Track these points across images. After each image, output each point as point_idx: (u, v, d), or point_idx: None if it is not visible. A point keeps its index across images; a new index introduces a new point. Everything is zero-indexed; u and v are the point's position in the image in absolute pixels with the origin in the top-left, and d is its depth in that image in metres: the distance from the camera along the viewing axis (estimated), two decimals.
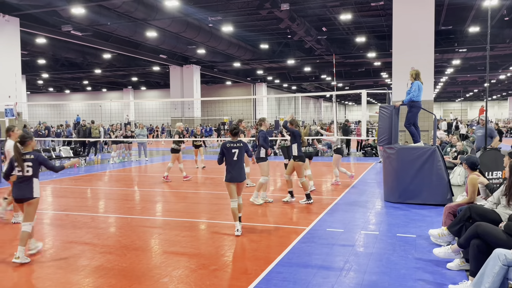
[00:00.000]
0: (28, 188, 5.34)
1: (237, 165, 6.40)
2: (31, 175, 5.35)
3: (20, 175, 5.33)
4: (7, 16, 18.32)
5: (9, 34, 18.52)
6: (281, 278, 4.61)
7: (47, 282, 4.55)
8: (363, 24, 24.53)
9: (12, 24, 18.64)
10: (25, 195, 5.34)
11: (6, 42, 18.39)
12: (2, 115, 11.89)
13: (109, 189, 11.02)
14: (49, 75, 38.53)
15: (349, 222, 7.07)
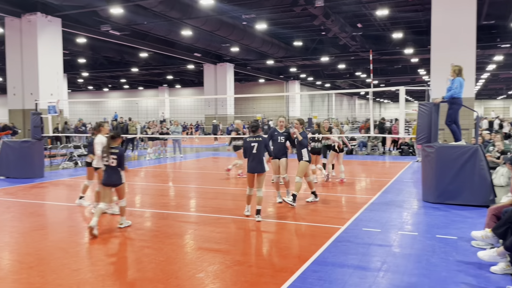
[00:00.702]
0: (117, 176, 6.48)
1: (256, 158, 7.00)
2: (115, 166, 6.41)
3: (107, 164, 6.41)
4: (50, 16, 19.03)
5: (51, 34, 19.23)
6: (317, 277, 4.55)
7: (87, 274, 4.69)
8: (400, 20, 23.93)
9: (54, 25, 19.35)
10: (114, 182, 6.46)
11: (49, 42, 19.11)
12: (45, 112, 12.35)
13: (146, 185, 11.25)
14: (89, 74, 39.80)
15: (386, 222, 6.92)
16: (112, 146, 6.46)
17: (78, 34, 23.40)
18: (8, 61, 19.56)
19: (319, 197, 8.71)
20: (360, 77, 43.02)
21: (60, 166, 14.76)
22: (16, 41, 19.09)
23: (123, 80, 47.38)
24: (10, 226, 6.78)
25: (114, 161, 6.41)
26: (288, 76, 44.08)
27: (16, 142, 12.15)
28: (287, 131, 8.34)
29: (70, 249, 5.60)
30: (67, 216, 7.62)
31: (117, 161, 6.42)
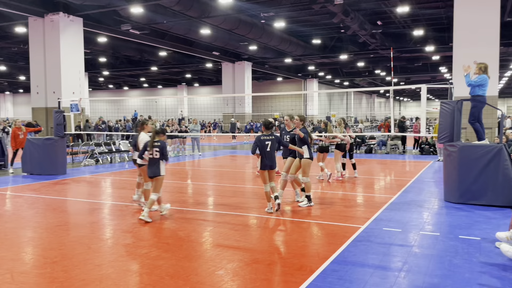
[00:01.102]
0: (157, 168, 6.96)
1: (269, 155, 7.28)
2: (158, 158, 6.94)
3: (151, 157, 6.95)
4: (72, 16, 19.38)
5: (73, 33, 19.58)
6: (337, 276, 4.52)
7: (109, 269, 4.76)
8: (421, 17, 23.56)
9: (76, 24, 19.70)
10: (156, 173, 6.96)
11: (71, 41, 19.46)
12: (67, 110, 12.59)
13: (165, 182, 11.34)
14: (109, 73, 40.38)
15: (406, 222, 6.82)
16: (155, 140, 6.98)
17: (99, 34, 23.77)
18: (32, 61, 20.01)
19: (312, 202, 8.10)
20: (380, 75, 42.52)
21: (81, 163, 15.04)
22: (39, 40, 19.51)
23: (143, 79, 47.95)
24: (34, 222, 6.94)
25: (157, 153, 6.93)
26: (306, 74, 43.89)
27: (39, 139, 12.42)
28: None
29: (92, 244, 5.70)
30: (89, 212, 7.75)
31: (160, 153, 6.93)
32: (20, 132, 12.75)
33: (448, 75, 39.84)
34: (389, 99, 76.36)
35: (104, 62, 35.53)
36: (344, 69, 41.21)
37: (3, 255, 5.24)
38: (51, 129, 18.23)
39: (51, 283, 4.37)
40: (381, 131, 21.58)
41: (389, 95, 18.77)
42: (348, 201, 8.67)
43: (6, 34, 24.56)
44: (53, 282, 4.38)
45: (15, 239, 5.96)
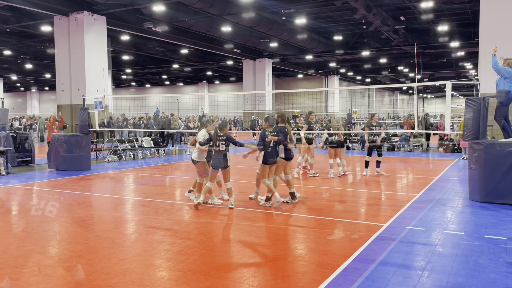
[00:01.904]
0: (225, 160, 7.53)
1: (273, 150, 7.71)
2: (223, 150, 7.47)
3: (217, 149, 7.48)
4: (96, 15, 19.70)
5: (97, 32, 19.91)
6: (359, 274, 4.49)
7: (133, 263, 4.85)
8: (446, 12, 23.03)
9: (99, 23, 20.02)
10: (225, 165, 7.54)
11: (95, 40, 19.80)
12: (92, 107, 12.84)
13: (186, 179, 11.46)
14: (132, 70, 40.94)
15: (430, 221, 6.72)
16: (219, 135, 7.50)
17: (122, 32, 24.10)
18: (57, 59, 20.44)
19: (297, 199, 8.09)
20: (403, 72, 41.83)
21: (105, 160, 15.32)
22: (64, 39, 19.91)
23: (164, 76, 48.43)
24: (60, 216, 7.11)
25: (223, 145, 7.47)
26: (327, 71, 43.52)
27: (65, 136, 12.71)
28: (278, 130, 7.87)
29: (116, 239, 5.81)
30: (113, 207, 7.90)
31: (225, 144, 7.48)
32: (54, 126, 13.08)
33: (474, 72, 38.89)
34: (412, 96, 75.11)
35: (127, 60, 36.03)
36: (366, 65, 40.71)
37: (31, 248, 5.40)
38: (75, 126, 18.64)
39: (76, 277, 4.47)
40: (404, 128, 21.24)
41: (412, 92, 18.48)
42: (371, 199, 8.59)
43: (33, 33, 25.17)
44: (78, 276, 4.49)
45: (42, 233, 6.12)
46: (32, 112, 55.14)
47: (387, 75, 45.14)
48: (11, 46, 29.42)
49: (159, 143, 17.72)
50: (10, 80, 47.68)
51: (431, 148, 19.48)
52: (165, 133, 19.20)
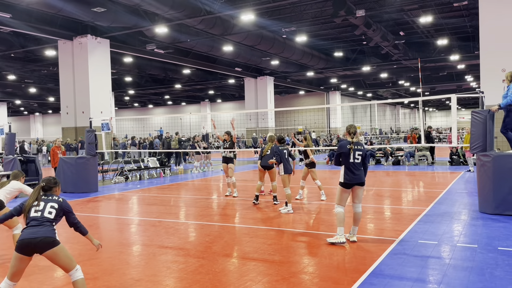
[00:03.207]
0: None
1: (288, 161, 9.04)
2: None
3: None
4: (99, 38, 20.03)
5: (101, 54, 20.21)
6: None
7: (149, 284, 4.84)
8: (445, 26, 23.36)
9: (103, 46, 20.34)
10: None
11: (99, 62, 20.08)
12: (99, 129, 12.94)
13: (194, 198, 11.48)
14: (135, 91, 41.31)
15: (442, 234, 6.70)
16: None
17: (124, 54, 24.45)
18: (62, 82, 20.70)
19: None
20: (403, 86, 42.09)
21: (112, 181, 15.35)
22: (68, 62, 20.20)
23: (167, 97, 48.81)
24: (72, 238, 7.11)
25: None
26: (328, 87, 43.85)
27: (72, 158, 12.79)
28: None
29: (130, 260, 5.81)
30: (123, 228, 7.91)
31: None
32: (59, 151, 13.15)
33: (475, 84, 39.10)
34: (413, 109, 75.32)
35: (130, 81, 36.40)
36: (367, 80, 41.02)
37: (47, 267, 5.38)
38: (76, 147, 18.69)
39: None
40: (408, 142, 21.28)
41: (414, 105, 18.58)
42: (380, 214, 8.58)
43: (36, 57, 25.55)
44: None
45: None
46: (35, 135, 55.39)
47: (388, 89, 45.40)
48: (15, 71, 29.81)
49: (165, 163, 17.77)
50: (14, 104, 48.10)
51: (436, 161, 19.47)
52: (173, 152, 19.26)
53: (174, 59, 26.10)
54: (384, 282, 4.69)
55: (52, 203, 4.17)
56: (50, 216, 4.10)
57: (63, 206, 4.22)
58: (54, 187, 4.36)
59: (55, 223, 4.13)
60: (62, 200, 4.26)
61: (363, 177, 6.26)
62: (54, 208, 4.14)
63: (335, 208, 6.29)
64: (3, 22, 16.90)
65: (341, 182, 6.24)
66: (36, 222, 4.03)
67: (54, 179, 4.40)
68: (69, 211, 4.28)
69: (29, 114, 60.46)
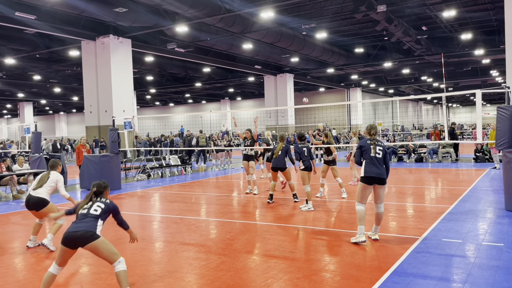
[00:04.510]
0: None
1: (308, 159, 8.92)
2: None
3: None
4: (121, 38, 20.31)
5: (123, 54, 20.51)
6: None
7: (171, 280, 4.91)
8: (469, 20, 22.79)
9: (125, 46, 20.62)
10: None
11: (121, 62, 20.38)
12: (121, 127, 13.14)
13: (215, 195, 11.55)
14: (156, 90, 41.80)
15: (466, 232, 6.57)
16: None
17: (146, 53, 24.74)
18: (85, 81, 21.10)
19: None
20: (426, 82, 41.34)
21: (134, 178, 15.59)
22: (91, 62, 20.57)
23: (187, 95, 49.21)
24: None
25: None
26: (349, 84, 43.42)
27: (95, 156, 13.04)
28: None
29: (152, 256, 5.90)
30: (146, 225, 8.03)
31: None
32: (84, 149, 13.44)
33: (500, 79, 38.11)
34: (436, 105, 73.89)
35: (151, 80, 36.84)
36: (389, 76, 40.43)
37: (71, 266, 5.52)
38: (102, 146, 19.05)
39: None
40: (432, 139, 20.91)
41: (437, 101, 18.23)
42: (402, 212, 8.47)
43: (61, 57, 26.11)
44: None
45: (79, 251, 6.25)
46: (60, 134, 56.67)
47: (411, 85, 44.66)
48: (40, 71, 30.56)
49: (186, 161, 17.93)
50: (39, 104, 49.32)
51: (460, 158, 19.07)
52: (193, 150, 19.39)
53: (194, 58, 26.28)
54: (407, 281, 4.63)
55: (100, 203, 4.56)
56: (96, 212, 4.46)
57: (110, 207, 4.59)
58: (104, 190, 4.72)
59: (101, 219, 4.46)
60: (109, 202, 4.62)
61: (385, 174, 6.15)
62: (101, 207, 4.51)
63: (356, 206, 6.18)
64: (28, 24, 17.32)
65: (362, 177, 6.10)
66: (81, 217, 4.41)
67: (104, 183, 4.75)
68: (116, 212, 4.66)
69: (54, 114, 61.90)
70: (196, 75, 33.39)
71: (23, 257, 6.15)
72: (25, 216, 9.36)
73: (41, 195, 6.25)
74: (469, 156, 19.73)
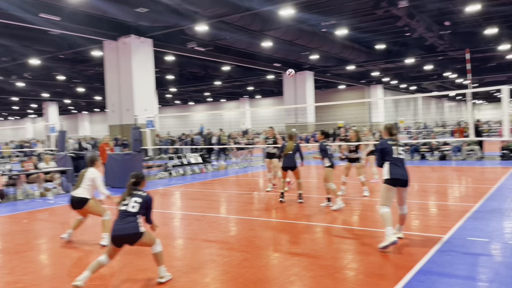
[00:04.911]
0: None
1: (331, 156, 8.74)
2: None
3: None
4: (142, 38, 20.57)
5: (144, 54, 20.77)
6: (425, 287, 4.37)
7: (195, 275, 4.97)
8: (494, 14, 22.23)
9: (146, 45, 20.88)
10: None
11: (142, 61, 20.65)
12: (143, 126, 13.33)
13: (236, 193, 11.62)
14: (176, 89, 42.20)
15: (493, 231, 6.44)
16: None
17: (166, 53, 24.99)
18: (107, 81, 21.45)
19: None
20: (449, 78, 40.52)
21: (156, 176, 15.79)
22: (113, 62, 20.89)
23: (207, 94, 49.52)
24: None
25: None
26: (370, 81, 42.92)
27: (119, 154, 13.26)
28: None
29: (176, 253, 5.98)
30: (169, 222, 8.13)
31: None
32: (107, 147, 13.69)
33: None
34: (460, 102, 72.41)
35: (171, 79, 37.21)
36: (410, 73, 39.77)
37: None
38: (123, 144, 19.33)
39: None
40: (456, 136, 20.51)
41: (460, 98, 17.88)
42: (426, 210, 8.35)
43: (84, 58, 26.62)
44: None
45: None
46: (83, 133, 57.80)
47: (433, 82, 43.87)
48: (64, 72, 31.23)
49: (206, 159, 18.06)
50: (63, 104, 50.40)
51: (485, 156, 18.65)
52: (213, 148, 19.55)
53: (214, 57, 26.41)
54: (432, 279, 4.58)
55: (137, 198, 4.83)
56: (133, 210, 4.76)
57: (146, 200, 4.89)
58: (141, 181, 5.02)
59: (139, 215, 4.79)
60: (146, 195, 4.92)
61: (408, 175, 5.95)
62: (138, 203, 4.80)
63: (380, 209, 5.80)
64: (52, 25, 17.71)
65: (387, 179, 5.80)
66: (123, 216, 4.74)
67: (142, 174, 5.06)
68: (150, 207, 4.95)
69: (77, 113, 63.17)
70: (216, 73, 33.56)
71: (50, 253, 6.32)
72: (52, 213, 9.61)
73: (80, 195, 6.43)
74: (494, 154, 19.28)
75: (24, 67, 27.93)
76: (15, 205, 10.77)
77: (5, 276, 5.27)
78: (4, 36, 19.38)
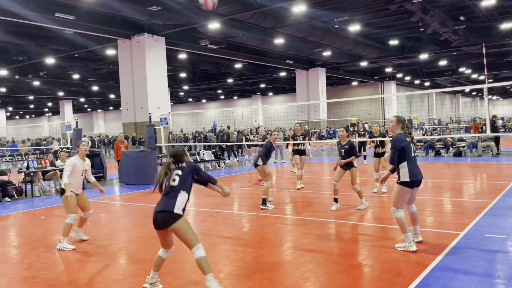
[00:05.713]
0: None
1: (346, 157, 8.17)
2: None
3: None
4: (155, 36, 20.71)
5: (157, 52, 20.90)
6: (441, 285, 4.33)
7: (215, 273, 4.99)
8: (509, 9, 21.84)
9: (159, 44, 21.01)
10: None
11: (155, 59, 20.78)
12: (157, 124, 13.43)
13: (249, 189, 11.64)
14: (189, 87, 42.39)
15: (510, 228, 6.34)
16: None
17: (179, 51, 25.10)
18: (121, 79, 21.65)
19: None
20: (464, 74, 39.94)
21: None
22: (127, 60, 21.07)
23: (219, 91, 49.66)
24: (139, 226, 7.48)
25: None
26: (383, 77, 42.57)
27: (133, 152, 13.39)
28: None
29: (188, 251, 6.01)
30: None
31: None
32: (122, 145, 13.83)
33: None
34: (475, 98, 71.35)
35: (184, 77, 37.39)
36: (424, 69, 39.34)
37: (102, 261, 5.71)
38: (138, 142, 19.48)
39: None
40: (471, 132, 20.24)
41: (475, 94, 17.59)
42: (442, 207, 8.27)
43: (98, 56, 26.90)
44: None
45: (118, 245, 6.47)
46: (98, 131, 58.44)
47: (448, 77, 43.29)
48: (78, 70, 31.60)
49: (220, 156, 18.11)
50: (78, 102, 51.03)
51: (502, 152, 18.37)
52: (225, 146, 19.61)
53: (226, 54, 26.47)
54: (449, 276, 4.54)
55: (177, 171, 4.29)
56: (174, 183, 4.24)
57: (188, 169, 4.30)
58: (182, 156, 4.38)
59: (182, 190, 4.23)
60: (185, 165, 4.33)
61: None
62: (178, 175, 4.26)
63: (395, 213, 5.46)
64: (67, 24, 17.92)
65: (406, 182, 5.36)
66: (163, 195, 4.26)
67: (181, 148, 4.41)
68: (197, 170, 4.38)
69: (92, 111, 63.90)
70: (228, 71, 33.62)
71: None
72: None
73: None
74: (511, 150, 18.98)
75: (40, 66, 28.36)
76: (32, 202, 10.96)
77: (23, 271, 5.37)
78: (20, 35, 19.68)
